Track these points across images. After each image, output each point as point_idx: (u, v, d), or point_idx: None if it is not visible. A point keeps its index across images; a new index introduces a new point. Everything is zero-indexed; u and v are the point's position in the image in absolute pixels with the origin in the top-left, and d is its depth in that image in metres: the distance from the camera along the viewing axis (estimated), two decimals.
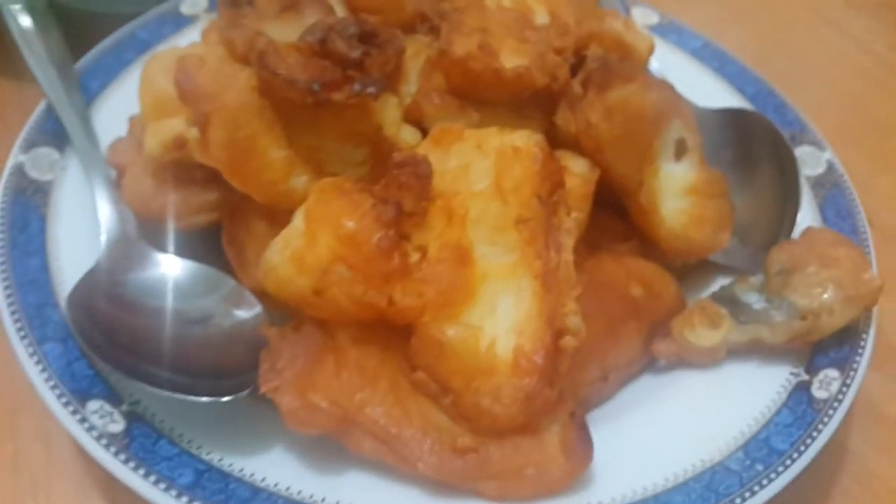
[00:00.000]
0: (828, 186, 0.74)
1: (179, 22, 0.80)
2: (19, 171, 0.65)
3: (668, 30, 0.88)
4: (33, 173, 0.66)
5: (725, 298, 0.63)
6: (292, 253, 0.49)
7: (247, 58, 0.55)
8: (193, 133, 0.55)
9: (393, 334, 0.53)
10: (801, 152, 0.76)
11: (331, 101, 0.51)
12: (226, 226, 0.60)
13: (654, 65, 0.80)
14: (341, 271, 0.49)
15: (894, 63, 1.15)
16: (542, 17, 0.65)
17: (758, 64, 1.07)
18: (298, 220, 0.50)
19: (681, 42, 0.87)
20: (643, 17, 0.88)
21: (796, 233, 0.68)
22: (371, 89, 0.52)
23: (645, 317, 0.63)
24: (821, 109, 1.04)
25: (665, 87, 0.65)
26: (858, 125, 1.03)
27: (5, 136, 0.82)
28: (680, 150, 0.65)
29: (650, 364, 0.64)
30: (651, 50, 0.68)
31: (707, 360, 0.62)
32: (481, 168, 0.53)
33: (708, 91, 0.82)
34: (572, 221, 0.54)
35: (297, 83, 0.51)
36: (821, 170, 0.76)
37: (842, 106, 1.07)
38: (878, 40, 1.18)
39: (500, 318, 0.52)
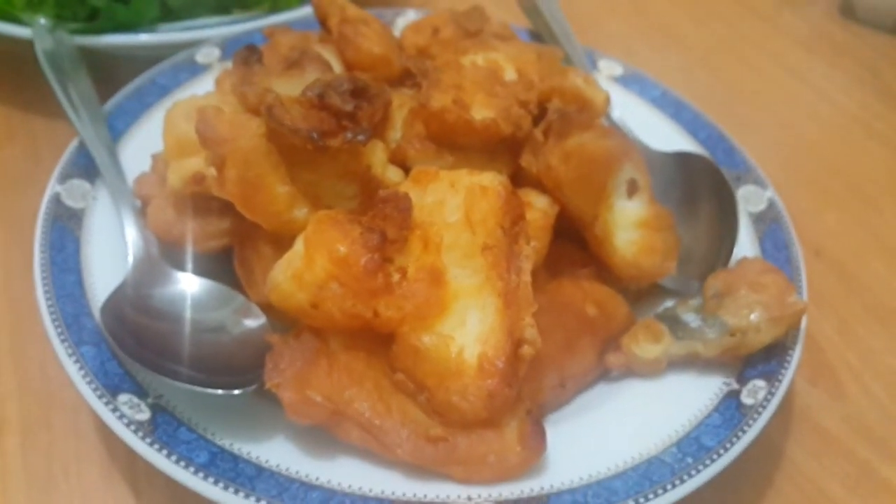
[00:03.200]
0: (767, 221, 0.82)
1: (195, 70, 0.89)
2: (56, 199, 0.73)
3: (631, 80, 0.97)
4: (69, 202, 0.73)
5: (667, 317, 0.71)
6: (293, 273, 0.57)
7: (257, 110, 0.63)
8: (211, 171, 0.64)
9: (377, 341, 0.60)
10: (746, 191, 0.85)
11: (327, 147, 0.60)
12: (237, 250, 0.68)
13: (616, 112, 0.89)
14: (334, 288, 0.57)
15: (847, 108, 1.24)
16: (510, 74, 0.74)
17: (720, 108, 1.15)
18: (299, 245, 0.58)
19: (642, 91, 0.95)
20: (608, 68, 0.97)
21: (736, 262, 0.75)
22: (361, 137, 0.61)
23: (598, 333, 0.70)
24: (776, 151, 1.13)
25: (618, 134, 0.74)
26: (810, 165, 1.12)
27: (40, 168, 0.91)
28: (632, 189, 0.73)
29: (604, 374, 0.71)
30: (607, 102, 0.77)
31: (651, 370, 0.70)
32: (453, 203, 0.61)
33: (665, 135, 0.90)
34: (531, 249, 0.62)
35: (299, 132, 0.60)
36: (762, 206, 0.84)
37: (796, 148, 1.15)
38: (833, 86, 1.27)
39: (468, 329, 0.59)
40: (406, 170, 0.67)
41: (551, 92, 0.73)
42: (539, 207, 0.67)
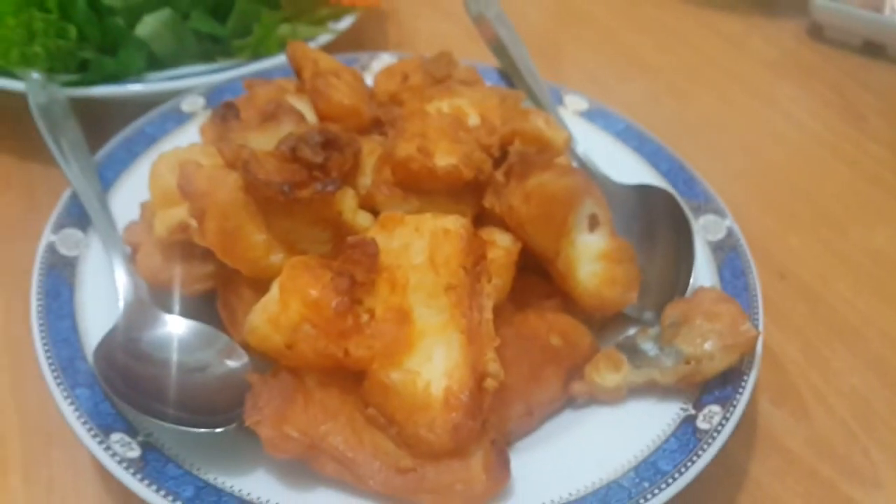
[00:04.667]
0: (726, 250, 0.85)
1: (180, 118, 0.94)
2: (51, 248, 0.77)
3: (596, 114, 1.00)
4: (62, 250, 0.78)
5: (626, 346, 0.75)
6: (269, 316, 0.61)
7: (234, 164, 0.68)
8: (193, 222, 0.69)
9: (350, 378, 0.64)
10: (706, 220, 0.88)
11: (299, 198, 0.65)
12: (220, 293, 0.72)
13: (580, 147, 0.93)
14: (307, 329, 0.61)
15: (813, 130, 1.27)
16: (473, 119, 0.78)
17: (686, 134, 1.19)
18: (274, 290, 0.62)
19: (606, 125, 0.99)
20: (574, 103, 1.01)
21: (693, 292, 0.78)
22: (330, 187, 0.65)
23: (563, 362, 0.74)
24: (742, 175, 1.16)
25: (578, 172, 0.77)
26: (776, 188, 1.15)
27: (36, 213, 0.95)
28: (592, 224, 0.77)
29: (569, 402, 0.74)
30: (567, 142, 0.81)
31: (612, 397, 0.73)
32: (418, 246, 0.65)
33: (628, 168, 0.94)
34: (492, 287, 0.66)
35: (272, 185, 0.64)
36: (721, 235, 0.87)
37: (762, 171, 1.18)
38: (799, 109, 1.31)
39: (434, 365, 0.62)
40: (375, 214, 0.71)
41: (513, 134, 0.77)
42: (502, 245, 0.71)
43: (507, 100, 0.84)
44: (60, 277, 0.75)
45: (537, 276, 0.78)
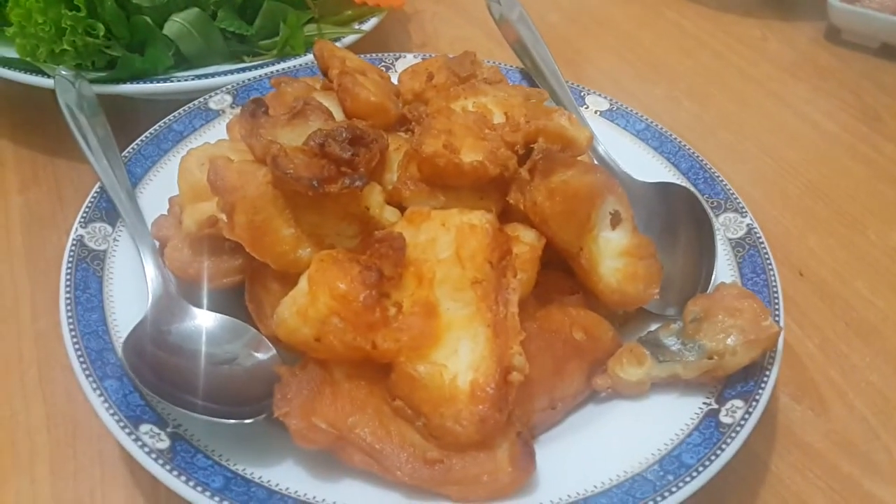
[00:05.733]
0: (746, 247, 0.86)
1: (208, 115, 0.95)
2: (80, 242, 0.78)
3: (617, 114, 1.01)
4: (91, 244, 0.78)
5: (649, 341, 0.75)
6: (298, 309, 0.62)
7: (263, 159, 0.69)
8: (222, 216, 0.70)
9: (377, 371, 0.65)
10: (725, 218, 0.89)
11: (328, 192, 0.66)
12: (248, 286, 0.72)
13: (601, 147, 0.94)
14: (336, 322, 0.61)
15: (827, 129, 1.28)
16: (498, 117, 0.79)
17: (705, 136, 1.20)
18: (303, 283, 0.63)
19: (627, 124, 1.00)
20: (595, 103, 1.02)
21: (714, 288, 0.78)
22: (358, 183, 0.66)
23: (586, 357, 0.74)
24: (761, 176, 1.17)
25: (600, 170, 0.78)
26: (794, 189, 1.16)
27: (63, 209, 0.97)
28: (615, 221, 0.78)
29: (592, 395, 0.75)
30: (589, 141, 0.81)
31: (635, 391, 0.74)
32: (445, 241, 0.66)
33: (648, 166, 0.94)
34: (517, 282, 0.67)
35: (301, 180, 0.65)
36: (741, 233, 0.88)
37: (780, 172, 1.19)
38: (817, 110, 1.32)
39: (460, 358, 0.63)
40: (402, 209, 0.72)
41: (537, 132, 0.77)
42: (527, 241, 0.72)
43: (531, 98, 0.84)
44: (89, 270, 0.76)
45: (560, 272, 0.79)
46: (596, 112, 1.01)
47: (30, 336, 0.85)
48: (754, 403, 0.71)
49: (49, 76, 0.98)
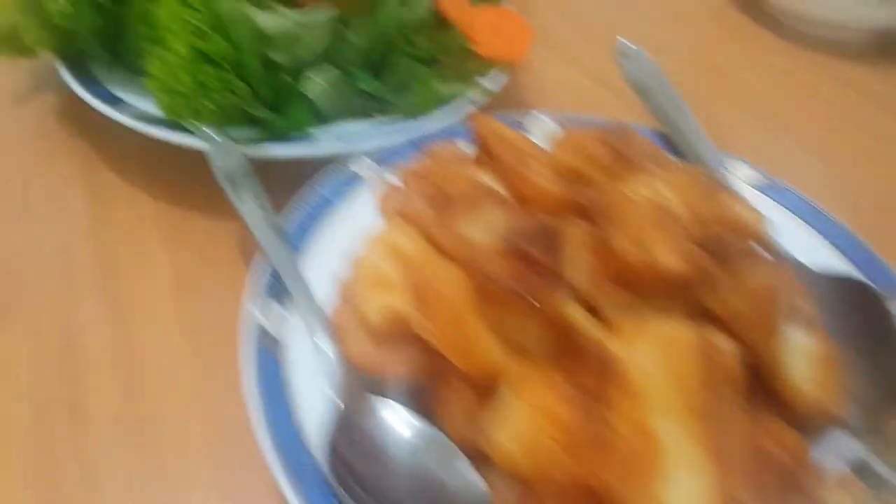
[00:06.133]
0: None
1: (354, 181, 0.93)
2: (256, 324, 0.74)
3: (767, 186, 0.97)
4: (266, 326, 0.74)
5: (856, 466, 0.70)
6: (511, 434, 0.60)
7: (454, 255, 0.68)
8: (413, 312, 0.69)
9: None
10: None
11: (534, 300, 0.64)
12: (431, 382, 0.71)
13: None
14: (556, 453, 0.59)
15: None
16: (677, 205, 0.76)
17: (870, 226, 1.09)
18: (514, 404, 0.61)
19: (779, 198, 0.95)
20: (744, 174, 0.98)
21: None
22: (563, 290, 0.65)
23: (781, 472, 0.67)
24: None
25: (783, 264, 0.76)
26: None
27: (208, 267, 0.96)
28: (802, 321, 0.73)
29: None
30: (763, 226, 0.79)
31: None
32: (659, 359, 0.62)
33: (809, 248, 0.88)
34: (740, 404, 0.64)
35: (505, 287, 0.64)
36: None
37: None
38: None
39: (681, 492, 0.59)
40: (589, 309, 0.69)
41: (717, 222, 0.75)
42: (727, 350, 0.67)
43: (693, 177, 0.82)
44: (268, 356, 0.73)
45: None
46: (747, 184, 0.97)
47: (198, 418, 0.81)
48: None
49: (191, 132, 0.97)
